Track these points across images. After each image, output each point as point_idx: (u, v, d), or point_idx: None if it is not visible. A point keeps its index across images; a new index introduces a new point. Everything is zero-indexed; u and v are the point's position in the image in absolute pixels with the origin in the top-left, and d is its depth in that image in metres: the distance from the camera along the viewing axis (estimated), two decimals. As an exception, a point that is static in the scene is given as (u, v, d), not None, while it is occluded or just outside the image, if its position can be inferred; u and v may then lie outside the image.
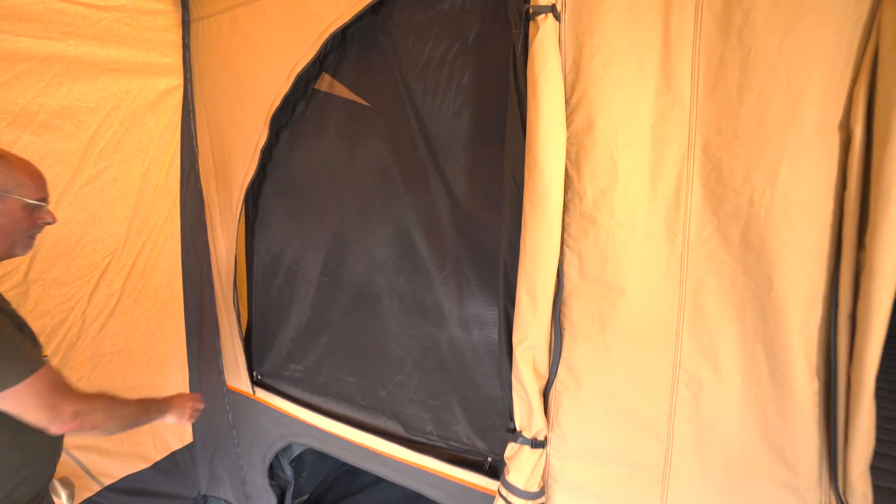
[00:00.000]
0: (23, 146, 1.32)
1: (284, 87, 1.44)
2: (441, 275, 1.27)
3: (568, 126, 0.94)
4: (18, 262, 1.37)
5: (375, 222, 1.42)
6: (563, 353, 1.00)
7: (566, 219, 0.96)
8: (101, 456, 1.73)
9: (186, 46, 1.70)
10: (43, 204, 1.02)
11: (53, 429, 0.93)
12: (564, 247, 0.97)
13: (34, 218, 1.02)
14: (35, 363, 0.91)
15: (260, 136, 1.54)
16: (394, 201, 1.36)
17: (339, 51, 1.43)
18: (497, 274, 1.09)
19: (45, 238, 1.42)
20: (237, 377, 1.84)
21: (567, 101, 0.93)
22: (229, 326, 1.81)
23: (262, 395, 1.78)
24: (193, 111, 1.75)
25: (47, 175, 1.42)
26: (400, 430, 1.45)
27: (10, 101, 1.28)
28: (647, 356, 0.92)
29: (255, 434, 1.87)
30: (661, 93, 0.86)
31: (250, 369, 1.81)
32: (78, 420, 0.95)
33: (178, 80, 1.69)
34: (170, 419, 1.21)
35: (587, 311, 0.96)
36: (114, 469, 1.77)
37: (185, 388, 1.98)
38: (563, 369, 1.00)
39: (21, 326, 1.00)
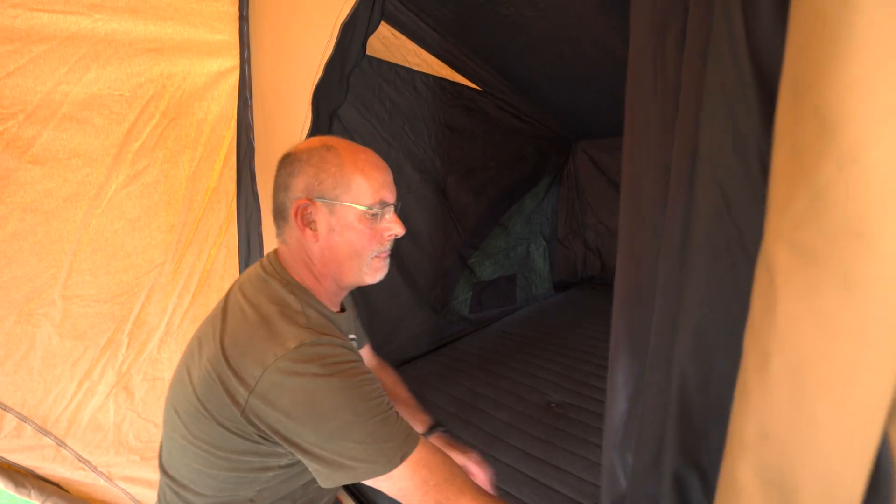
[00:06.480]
0: (45, 143, 1.12)
1: (328, 48, 1.01)
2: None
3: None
4: (49, 276, 1.20)
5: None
6: None
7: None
8: (153, 490, 1.56)
9: (244, 19, 1.39)
10: (386, 209, 0.75)
11: None
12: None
13: (377, 230, 0.75)
14: (410, 438, 0.66)
15: (304, 121, 1.14)
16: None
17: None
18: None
19: (79, 249, 1.23)
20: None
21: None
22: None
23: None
24: (251, 98, 1.45)
25: (73, 177, 1.27)
26: None
27: (28, 90, 1.08)
28: None
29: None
30: None
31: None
32: None
33: (234, 61, 1.40)
34: None
35: None
36: None
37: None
38: None
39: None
